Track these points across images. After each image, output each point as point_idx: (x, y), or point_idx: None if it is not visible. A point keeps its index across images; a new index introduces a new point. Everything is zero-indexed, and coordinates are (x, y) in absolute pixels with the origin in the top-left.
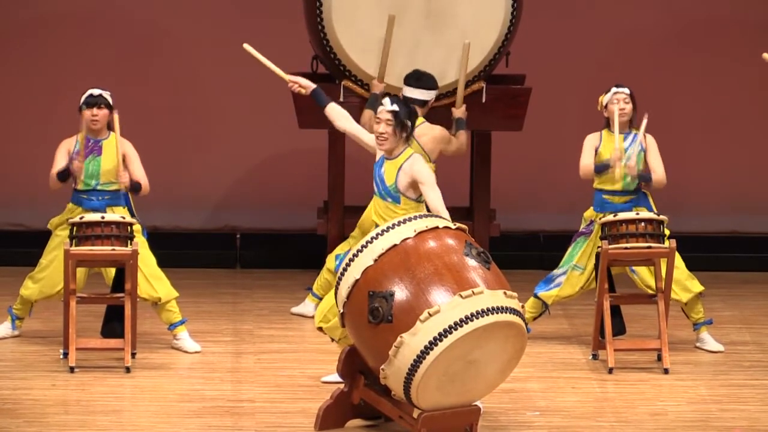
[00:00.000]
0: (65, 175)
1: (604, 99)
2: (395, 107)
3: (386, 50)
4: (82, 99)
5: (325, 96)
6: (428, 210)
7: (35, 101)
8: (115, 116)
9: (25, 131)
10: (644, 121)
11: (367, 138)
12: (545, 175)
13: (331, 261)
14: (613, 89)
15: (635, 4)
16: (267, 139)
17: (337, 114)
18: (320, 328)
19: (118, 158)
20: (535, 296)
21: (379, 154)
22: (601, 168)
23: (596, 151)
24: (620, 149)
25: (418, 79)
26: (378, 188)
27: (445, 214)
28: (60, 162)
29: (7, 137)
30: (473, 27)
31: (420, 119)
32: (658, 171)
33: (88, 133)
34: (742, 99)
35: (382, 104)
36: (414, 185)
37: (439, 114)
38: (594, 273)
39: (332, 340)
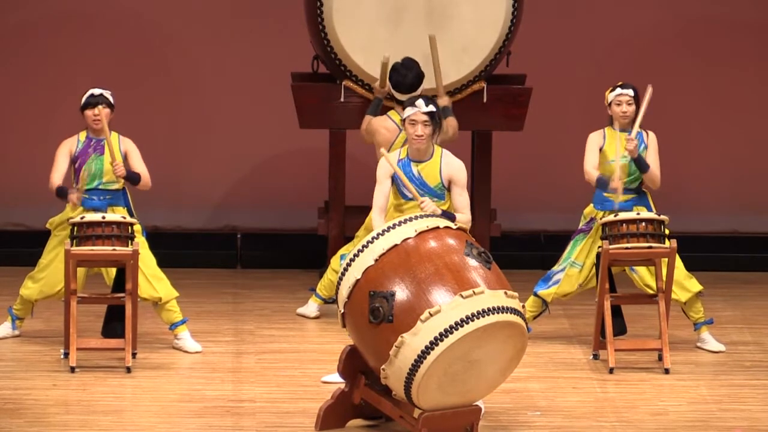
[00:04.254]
0: (62, 195)
1: (609, 97)
2: (431, 108)
3: (385, 68)
4: (83, 99)
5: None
6: (451, 209)
7: (36, 101)
8: (104, 111)
9: (25, 131)
10: (648, 94)
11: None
12: (546, 175)
13: (335, 261)
14: (618, 90)
15: (635, 4)
16: (267, 139)
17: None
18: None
19: (113, 154)
20: (535, 295)
21: (394, 157)
22: (602, 184)
23: (601, 149)
24: (619, 177)
25: (403, 83)
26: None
27: (469, 216)
28: (61, 164)
29: (7, 137)
30: (473, 27)
31: None
32: (655, 169)
33: (90, 133)
34: (742, 99)
35: (415, 105)
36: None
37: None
38: (593, 271)
39: None
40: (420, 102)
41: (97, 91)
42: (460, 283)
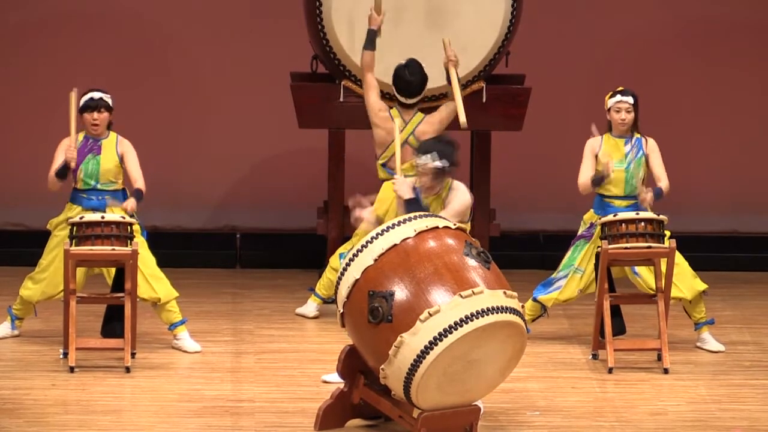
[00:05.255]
0: (63, 171)
1: (608, 102)
2: (439, 164)
3: None
4: (82, 102)
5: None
6: None
7: (35, 101)
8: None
9: (25, 131)
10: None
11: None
12: (545, 175)
13: (335, 260)
14: (618, 96)
15: (635, 5)
16: (267, 139)
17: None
18: None
19: (124, 207)
20: (534, 300)
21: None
22: (598, 181)
23: (597, 156)
24: (607, 162)
25: (407, 89)
26: None
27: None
28: (60, 161)
29: (7, 137)
30: (473, 27)
31: (419, 115)
32: (663, 178)
33: (88, 134)
34: (742, 99)
35: (425, 159)
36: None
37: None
38: (593, 275)
39: None
40: (431, 156)
41: (96, 95)
42: (460, 283)
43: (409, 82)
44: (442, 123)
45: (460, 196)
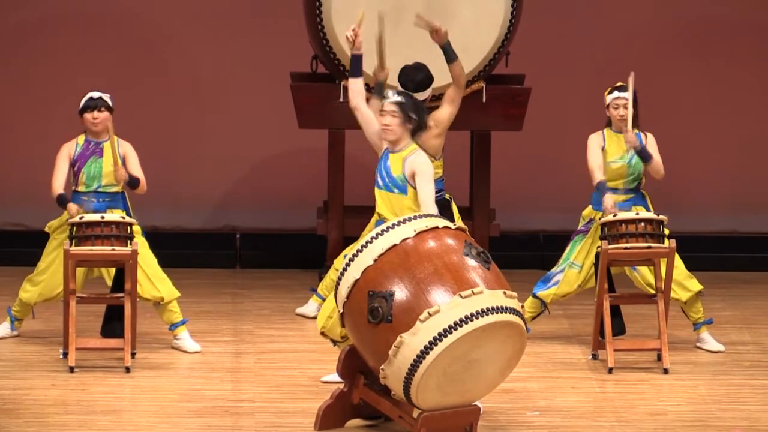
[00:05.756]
0: (62, 204)
1: (607, 99)
2: (399, 98)
3: (382, 44)
4: (82, 102)
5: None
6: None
7: (35, 101)
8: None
9: (25, 131)
10: (630, 80)
11: (374, 128)
12: (545, 175)
13: (339, 262)
14: (616, 92)
15: (635, 5)
16: (267, 139)
17: (359, 90)
18: (323, 333)
19: (116, 159)
20: (534, 296)
21: (383, 147)
22: (602, 189)
23: (602, 149)
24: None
25: (412, 80)
26: (384, 180)
27: (434, 209)
28: (61, 169)
29: (7, 137)
30: (473, 27)
31: None
32: (657, 160)
33: (89, 136)
34: (742, 98)
35: (386, 96)
36: (414, 177)
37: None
38: (592, 271)
39: (333, 343)
40: (390, 92)
41: (96, 95)
42: (459, 283)
43: (413, 73)
44: (448, 120)
45: (423, 158)
